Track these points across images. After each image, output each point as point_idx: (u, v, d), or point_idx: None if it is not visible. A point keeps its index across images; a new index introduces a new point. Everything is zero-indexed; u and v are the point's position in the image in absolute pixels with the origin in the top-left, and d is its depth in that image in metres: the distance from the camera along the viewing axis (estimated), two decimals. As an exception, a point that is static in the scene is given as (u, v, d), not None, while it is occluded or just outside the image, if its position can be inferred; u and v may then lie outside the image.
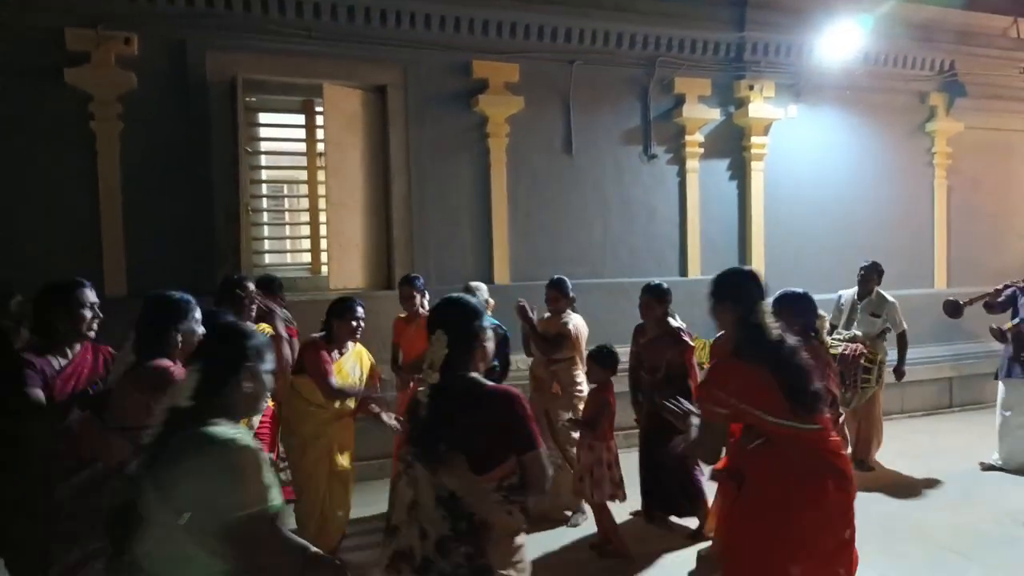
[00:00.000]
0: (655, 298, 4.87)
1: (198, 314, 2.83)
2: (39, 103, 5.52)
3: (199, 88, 5.88)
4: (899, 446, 6.74)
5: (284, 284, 6.30)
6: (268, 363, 2.06)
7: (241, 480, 1.85)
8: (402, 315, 5.35)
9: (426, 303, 5.22)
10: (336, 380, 4.30)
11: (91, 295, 3.20)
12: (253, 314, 4.28)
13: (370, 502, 5.09)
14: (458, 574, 2.17)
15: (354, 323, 4.48)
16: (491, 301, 5.20)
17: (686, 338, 4.83)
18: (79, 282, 3.18)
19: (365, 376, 4.60)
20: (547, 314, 5.35)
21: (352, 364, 4.55)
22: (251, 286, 4.30)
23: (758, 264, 7.67)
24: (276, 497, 1.91)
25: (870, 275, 6.29)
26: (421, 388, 2.31)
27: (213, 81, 5.91)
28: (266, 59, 6.06)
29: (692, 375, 4.76)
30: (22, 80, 5.47)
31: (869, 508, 5.25)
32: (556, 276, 5.42)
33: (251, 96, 6.24)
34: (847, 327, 6.20)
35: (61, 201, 5.60)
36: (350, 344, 4.57)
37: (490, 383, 2.30)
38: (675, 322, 4.92)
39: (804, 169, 7.96)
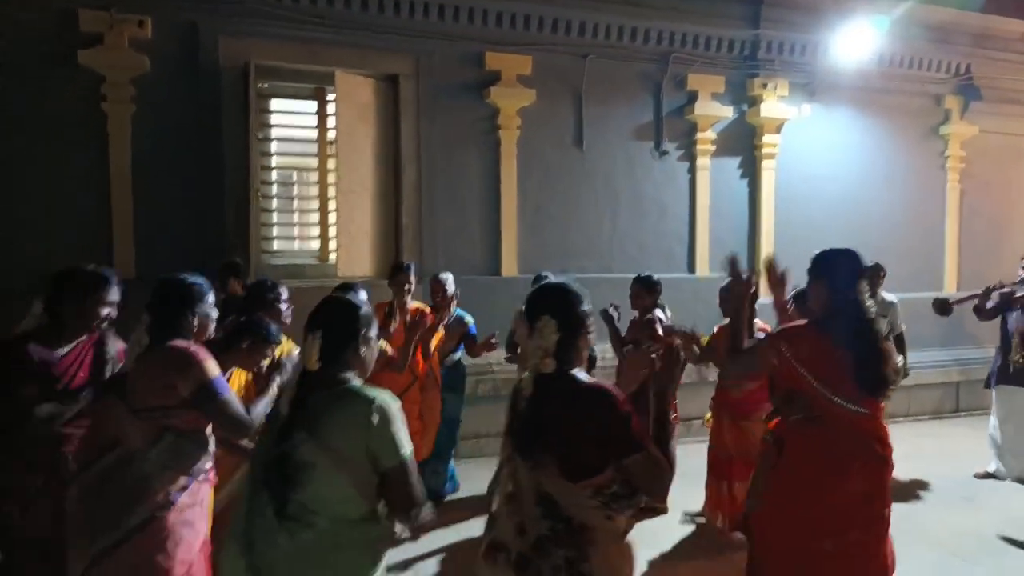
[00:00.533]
0: (645, 288, 4.97)
1: (212, 297, 2.75)
2: (52, 84, 5.52)
3: (211, 73, 5.87)
4: (904, 449, 6.62)
5: (292, 271, 6.35)
6: (375, 330, 2.29)
7: (391, 429, 2.05)
8: (381, 302, 5.14)
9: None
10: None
11: (115, 293, 3.03)
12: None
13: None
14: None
15: (282, 306, 3.81)
16: (457, 291, 5.29)
17: (660, 329, 4.85)
18: (104, 278, 2.99)
19: None
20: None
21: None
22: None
23: (767, 263, 7.63)
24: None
25: (875, 277, 6.25)
26: (524, 375, 2.18)
27: (225, 66, 5.90)
28: (279, 45, 6.05)
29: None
30: (35, 61, 5.48)
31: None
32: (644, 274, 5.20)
33: (263, 82, 6.23)
34: None
35: (72, 182, 5.60)
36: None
37: (586, 379, 2.13)
38: (660, 314, 4.97)
39: (816, 169, 7.92)
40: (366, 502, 2.07)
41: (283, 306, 3.83)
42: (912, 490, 5.70)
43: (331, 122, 6.48)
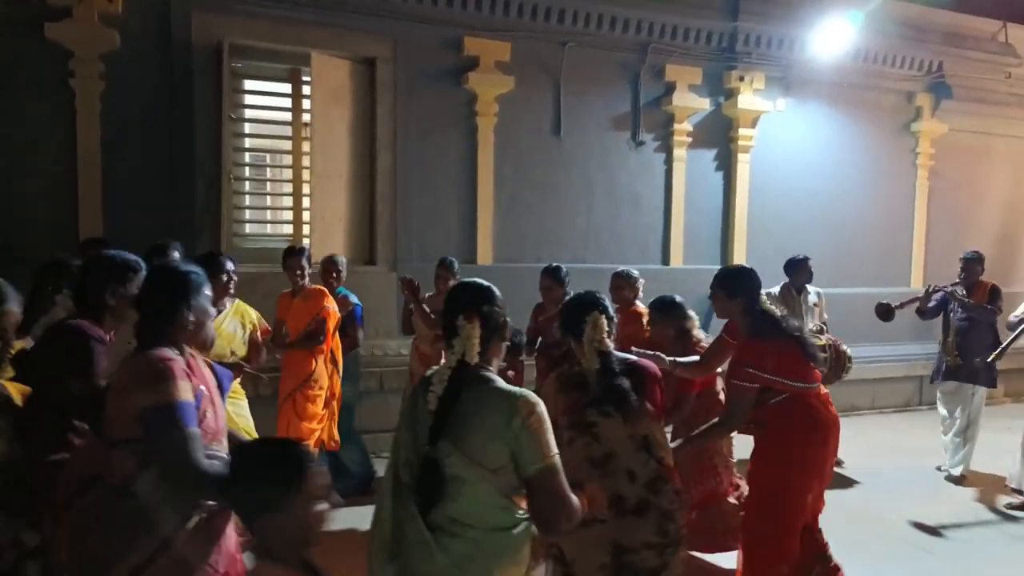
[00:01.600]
0: (556, 281, 5.10)
1: (208, 289, 2.33)
2: (17, 58, 5.36)
3: (183, 50, 5.75)
4: (867, 441, 6.85)
5: (265, 255, 6.26)
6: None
7: (537, 432, 1.94)
8: (287, 290, 5.14)
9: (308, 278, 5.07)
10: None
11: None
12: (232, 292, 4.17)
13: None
14: (673, 508, 2.58)
15: (224, 277, 4.11)
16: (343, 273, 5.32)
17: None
18: (139, 264, 2.68)
19: (248, 334, 4.40)
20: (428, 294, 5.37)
21: (232, 324, 4.32)
22: (230, 265, 4.15)
23: (740, 256, 7.72)
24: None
25: (810, 269, 6.28)
26: (585, 360, 2.66)
27: (198, 44, 5.78)
28: (254, 24, 5.93)
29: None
30: (1, 34, 5.31)
31: (831, 500, 5.37)
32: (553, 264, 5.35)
33: (237, 62, 6.11)
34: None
35: (38, 160, 5.46)
36: (227, 302, 4.29)
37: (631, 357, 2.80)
38: (642, 306, 5.08)
39: (790, 163, 7.99)
40: (518, 507, 2.00)
41: (225, 276, 4.01)
42: (871, 481, 5.82)
43: (306, 104, 6.39)
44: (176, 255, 3.89)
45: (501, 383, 2.04)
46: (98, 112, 5.55)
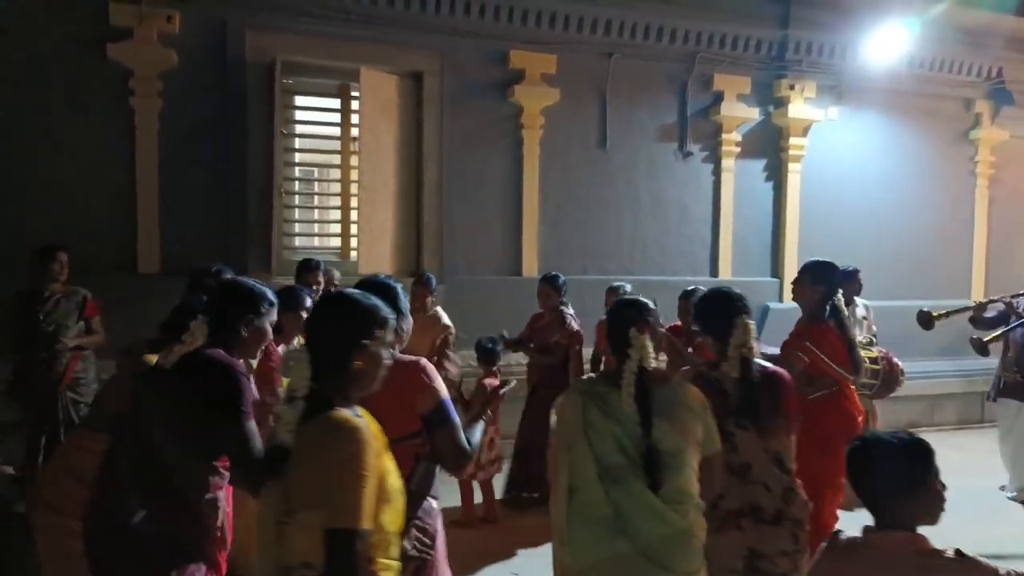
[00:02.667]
0: (553, 287, 5.31)
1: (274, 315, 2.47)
2: (81, 77, 5.57)
3: (238, 68, 5.90)
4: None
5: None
6: None
7: (707, 418, 2.37)
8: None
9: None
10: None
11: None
12: None
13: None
14: (802, 517, 2.72)
15: (304, 314, 3.60)
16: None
17: (572, 323, 5.29)
18: (271, 293, 2.54)
19: None
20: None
21: None
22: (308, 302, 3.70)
23: (791, 268, 7.54)
24: None
25: (860, 281, 6.04)
26: (726, 365, 2.72)
27: (252, 62, 5.93)
28: (304, 41, 6.06)
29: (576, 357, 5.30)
30: (65, 53, 5.53)
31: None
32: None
33: (288, 78, 6.25)
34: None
35: (99, 176, 5.65)
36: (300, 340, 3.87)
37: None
38: (567, 310, 5.38)
39: (842, 173, 7.82)
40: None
41: (304, 312, 3.56)
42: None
43: (354, 119, 6.49)
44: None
45: (675, 379, 2.48)
46: (156, 129, 5.73)
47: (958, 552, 1.76)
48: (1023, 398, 5.65)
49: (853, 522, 2.37)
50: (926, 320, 5.78)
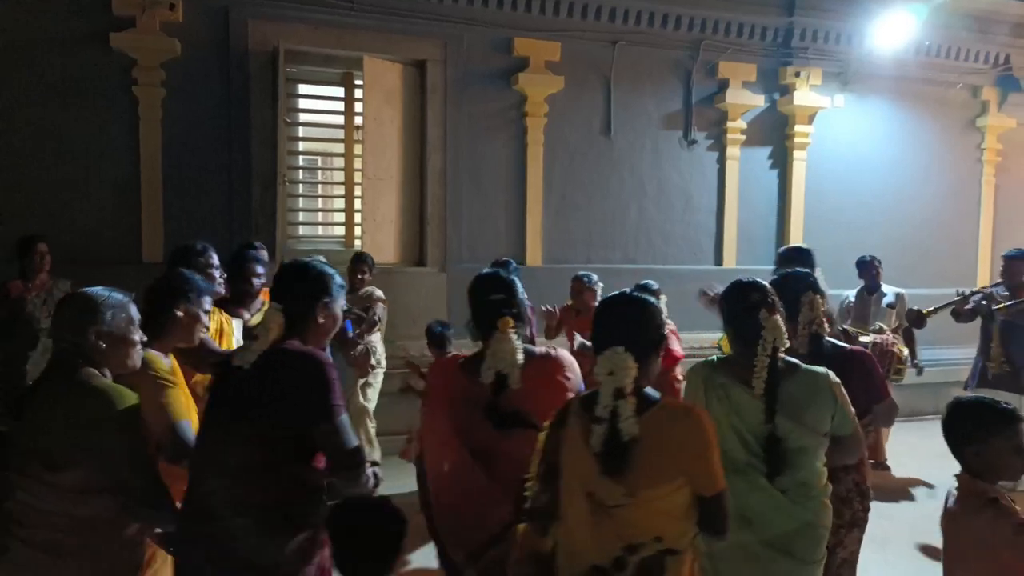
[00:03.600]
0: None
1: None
2: (84, 67, 5.56)
3: (241, 57, 5.89)
4: (934, 446, 6.60)
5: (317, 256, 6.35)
6: None
7: (846, 403, 2.36)
8: None
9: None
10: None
11: None
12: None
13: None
14: (850, 496, 2.76)
15: (214, 272, 3.38)
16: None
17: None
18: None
19: None
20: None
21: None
22: (215, 258, 3.40)
23: (795, 256, 7.54)
24: None
25: (876, 269, 6.10)
26: (797, 345, 2.63)
27: (255, 50, 5.91)
28: (308, 30, 6.04)
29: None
30: (68, 43, 5.52)
31: (903, 509, 5.22)
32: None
33: (292, 67, 6.24)
34: (865, 321, 6.06)
35: (102, 165, 5.66)
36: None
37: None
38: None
39: (848, 161, 7.78)
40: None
41: (215, 272, 3.30)
42: (943, 489, 5.57)
43: (358, 107, 6.48)
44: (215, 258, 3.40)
45: (803, 364, 2.37)
46: (160, 118, 5.72)
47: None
48: (1015, 389, 5.42)
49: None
50: (917, 318, 5.72)
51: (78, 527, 2.01)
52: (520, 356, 2.22)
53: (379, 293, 5.36)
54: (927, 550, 4.47)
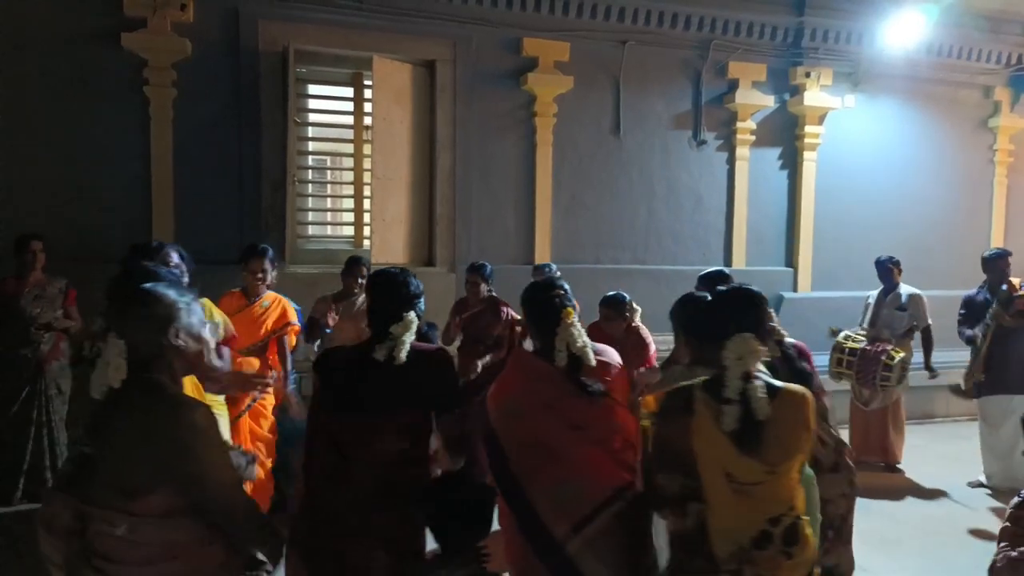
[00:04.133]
0: (481, 277, 5.23)
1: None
2: (96, 67, 5.58)
3: (251, 57, 5.90)
4: (943, 449, 6.57)
5: (327, 256, 6.37)
6: None
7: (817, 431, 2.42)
8: (328, 294, 5.12)
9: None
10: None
11: None
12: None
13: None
14: (852, 465, 3.05)
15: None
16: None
17: (506, 310, 5.19)
18: None
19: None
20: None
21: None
22: (174, 257, 3.33)
23: (805, 257, 7.52)
24: None
25: (890, 269, 6.07)
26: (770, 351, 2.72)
27: (265, 51, 5.93)
28: (317, 30, 6.06)
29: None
30: (80, 43, 5.54)
31: (912, 511, 5.19)
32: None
33: (301, 67, 6.25)
34: (872, 324, 6.04)
35: (113, 166, 5.67)
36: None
37: None
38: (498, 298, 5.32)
39: (859, 161, 7.74)
40: None
41: (175, 270, 3.16)
42: (952, 491, 5.54)
43: (367, 107, 6.48)
44: (175, 257, 3.32)
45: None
46: (170, 118, 5.74)
47: None
48: (1016, 390, 5.40)
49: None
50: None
51: (170, 552, 1.81)
52: (586, 338, 2.47)
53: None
54: (936, 552, 4.45)
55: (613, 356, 2.60)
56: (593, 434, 2.39)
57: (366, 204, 6.51)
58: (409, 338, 2.36)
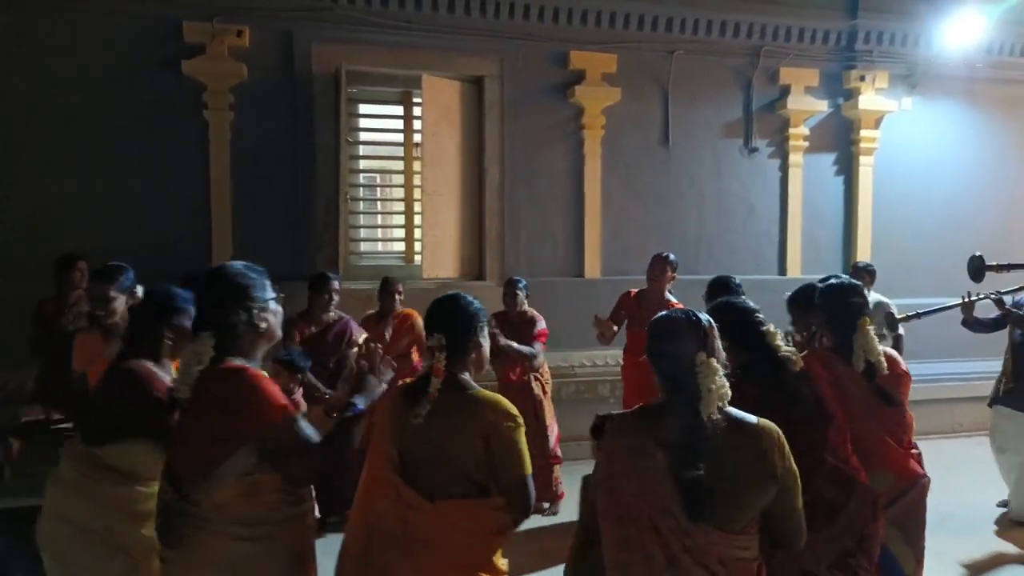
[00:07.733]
0: (519, 290, 5.28)
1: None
2: (157, 92, 5.79)
3: (305, 79, 6.05)
4: (942, 462, 6.08)
5: (379, 272, 6.45)
6: None
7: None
8: (371, 312, 5.35)
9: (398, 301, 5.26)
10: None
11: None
12: None
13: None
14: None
15: (326, 296, 4.73)
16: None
17: (541, 323, 5.23)
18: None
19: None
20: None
21: None
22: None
23: (863, 264, 7.31)
24: None
25: (859, 278, 5.21)
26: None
27: (318, 72, 6.07)
28: (368, 50, 6.18)
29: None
30: (142, 70, 5.76)
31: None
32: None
33: (353, 87, 6.38)
34: None
35: (174, 188, 5.86)
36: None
37: None
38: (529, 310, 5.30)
39: (917, 166, 7.52)
40: None
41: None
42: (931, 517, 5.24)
43: (417, 125, 6.58)
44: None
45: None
46: (228, 140, 5.92)
47: None
48: (1020, 407, 4.96)
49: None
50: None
51: (254, 520, 2.00)
52: (880, 346, 2.82)
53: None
54: (935, 564, 4.24)
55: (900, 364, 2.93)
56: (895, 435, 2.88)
57: (416, 220, 6.59)
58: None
